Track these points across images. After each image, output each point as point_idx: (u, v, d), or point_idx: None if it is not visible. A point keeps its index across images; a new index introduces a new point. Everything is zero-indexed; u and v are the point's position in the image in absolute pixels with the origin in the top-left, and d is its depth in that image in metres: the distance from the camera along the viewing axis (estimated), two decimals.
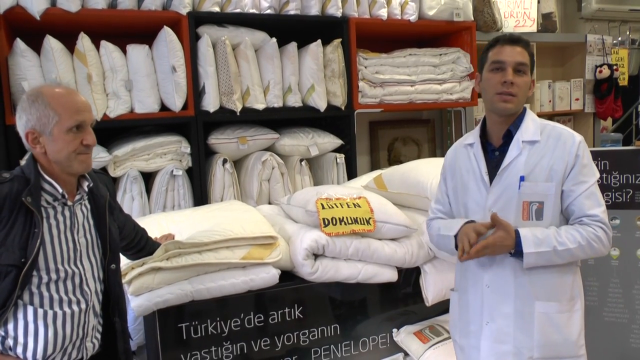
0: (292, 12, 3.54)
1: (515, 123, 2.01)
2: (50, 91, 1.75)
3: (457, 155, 2.16)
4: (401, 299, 2.84)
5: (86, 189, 1.86)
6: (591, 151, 2.99)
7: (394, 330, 2.82)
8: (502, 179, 1.97)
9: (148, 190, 3.30)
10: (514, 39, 1.97)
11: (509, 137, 2.01)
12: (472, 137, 2.12)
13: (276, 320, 2.54)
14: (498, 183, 1.98)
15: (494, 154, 2.04)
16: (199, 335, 2.39)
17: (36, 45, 2.99)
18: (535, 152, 1.96)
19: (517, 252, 1.90)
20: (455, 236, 2.02)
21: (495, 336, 1.99)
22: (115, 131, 3.54)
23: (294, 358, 2.60)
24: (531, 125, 2.00)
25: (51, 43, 2.95)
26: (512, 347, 1.97)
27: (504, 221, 1.90)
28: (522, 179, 1.94)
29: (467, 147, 2.12)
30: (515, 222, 1.94)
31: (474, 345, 2.06)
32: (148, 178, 3.38)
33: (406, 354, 2.80)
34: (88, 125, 1.79)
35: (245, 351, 2.49)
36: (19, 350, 1.70)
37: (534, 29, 4.79)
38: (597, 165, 2.97)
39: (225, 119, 3.44)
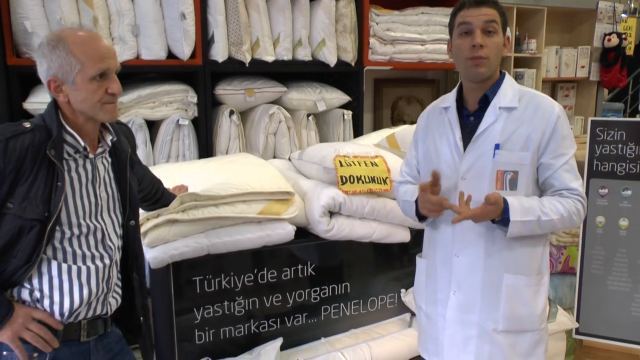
0: None
1: (492, 88, 1.91)
2: (71, 36, 1.62)
3: (431, 119, 2.05)
4: (411, 259, 2.83)
5: (109, 143, 1.78)
6: (608, 122, 3.01)
7: (402, 290, 2.82)
8: (476, 146, 1.89)
9: (152, 138, 3.22)
10: (479, 0, 1.84)
11: (485, 102, 1.92)
12: (448, 100, 2.01)
13: (289, 277, 2.52)
14: (472, 150, 1.90)
15: (469, 119, 1.95)
16: (213, 289, 2.36)
17: None
18: (513, 119, 1.88)
19: (502, 219, 1.82)
20: (416, 201, 1.94)
21: (462, 306, 1.96)
22: (120, 77, 3.41)
23: (304, 315, 2.59)
24: (509, 91, 1.91)
25: None
26: (477, 317, 1.94)
27: (495, 196, 1.78)
28: (497, 146, 1.86)
29: (442, 111, 2.01)
30: (489, 191, 1.84)
31: (441, 314, 2.02)
32: (152, 126, 3.29)
33: (413, 314, 2.81)
34: (112, 72, 1.69)
35: (257, 306, 2.47)
36: (46, 303, 1.65)
37: None
38: (613, 135, 2.96)
39: (234, 69, 3.35)
